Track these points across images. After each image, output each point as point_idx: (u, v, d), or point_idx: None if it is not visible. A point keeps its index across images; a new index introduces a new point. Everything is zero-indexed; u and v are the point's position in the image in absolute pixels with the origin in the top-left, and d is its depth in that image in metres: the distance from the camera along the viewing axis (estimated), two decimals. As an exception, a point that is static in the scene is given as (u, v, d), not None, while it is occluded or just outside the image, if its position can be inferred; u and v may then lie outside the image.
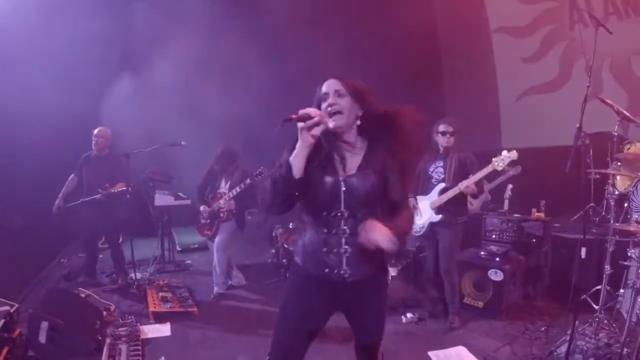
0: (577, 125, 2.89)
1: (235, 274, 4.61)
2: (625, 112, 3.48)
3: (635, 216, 2.86)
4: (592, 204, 4.36)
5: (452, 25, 6.84)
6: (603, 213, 4.11)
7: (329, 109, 1.61)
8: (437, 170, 3.53)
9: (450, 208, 3.42)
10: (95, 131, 4.43)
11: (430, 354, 3.01)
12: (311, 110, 1.56)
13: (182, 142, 4.46)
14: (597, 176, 4.30)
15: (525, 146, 4.25)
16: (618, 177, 4.03)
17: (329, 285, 1.70)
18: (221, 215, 4.19)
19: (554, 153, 4.97)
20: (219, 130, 5.26)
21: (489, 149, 6.45)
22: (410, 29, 6.34)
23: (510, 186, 4.47)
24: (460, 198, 3.41)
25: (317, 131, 1.56)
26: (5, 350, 2.86)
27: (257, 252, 5.80)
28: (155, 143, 4.47)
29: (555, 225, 4.25)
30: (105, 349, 3.09)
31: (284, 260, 4.65)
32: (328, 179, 1.64)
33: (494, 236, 4.13)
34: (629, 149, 4.10)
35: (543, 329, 3.26)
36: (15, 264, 4.26)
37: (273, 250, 5.11)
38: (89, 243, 4.76)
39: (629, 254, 2.88)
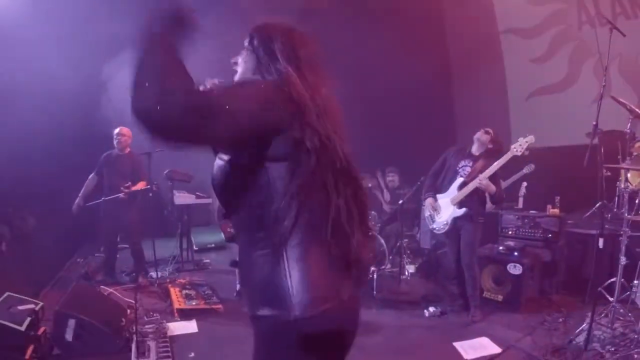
0: (594, 123, 2.96)
1: None
2: (638, 110, 3.41)
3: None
4: (604, 201, 4.30)
5: (460, 26, 6.77)
6: (615, 210, 4.04)
7: None
8: (464, 168, 3.44)
9: (472, 204, 3.37)
10: (117, 130, 4.30)
11: (456, 344, 3.00)
12: None
13: None
14: (609, 173, 4.25)
15: (536, 146, 4.20)
16: (629, 174, 3.99)
17: None
18: None
19: (564, 152, 4.93)
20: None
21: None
22: (419, 30, 6.31)
23: (524, 184, 4.42)
24: (479, 196, 3.36)
25: None
26: (30, 349, 2.72)
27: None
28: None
29: (569, 221, 4.19)
30: (133, 346, 2.93)
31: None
32: None
33: (510, 232, 4.09)
34: (638, 146, 4.05)
35: (561, 320, 3.28)
36: (32, 264, 4.10)
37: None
38: (108, 242, 4.60)
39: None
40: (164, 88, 0.83)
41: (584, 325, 2.85)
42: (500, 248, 3.78)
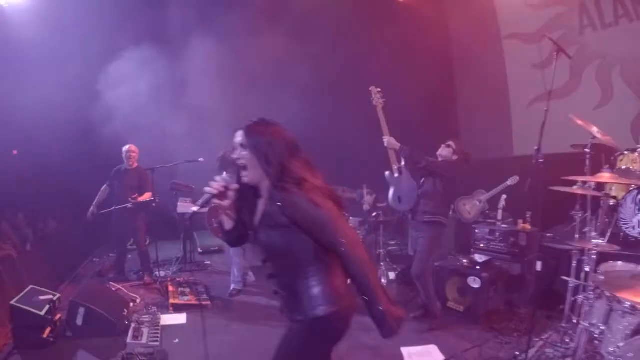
0: (535, 148, 3.33)
1: (250, 273, 5.23)
2: (597, 134, 3.53)
3: (593, 234, 3.10)
4: (587, 213, 4.62)
5: (464, 33, 7.19)
6: (598, 224, 4.28)
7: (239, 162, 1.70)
8: None
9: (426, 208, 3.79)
10: (126, 147, 5.21)
11: (403, 349, 3.40)
12: (211, 190, 1.71)
13: (200, 159, 5.12)
14: (593, 186, 4.58)
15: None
16: (613, 187, 4.33)
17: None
18: None
19: (559, 160, 5.23)
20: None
21: (501, 156, 6.80)
22: (423, 38, 6.80)
23: (504, 196, 4.74)
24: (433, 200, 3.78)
25: (226, 204, 1.74)
26: (48, 330, 3.57)
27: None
28: (179, 158, 5.26)
29: (548, 235, 4.50)
30: (130, 331, 3.74)
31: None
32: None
33: (482, 245, 4.45)
34: (622, 160, 4.36)
35: (515, 335, 3.53)
36: (52, 262, 5.08)
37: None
38: (119, 245, 5.52)
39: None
40: None
41: (533, 343, 3.08)
42: (465, 261, 4.15)
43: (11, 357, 3.34)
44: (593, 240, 2.74)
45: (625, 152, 4.32)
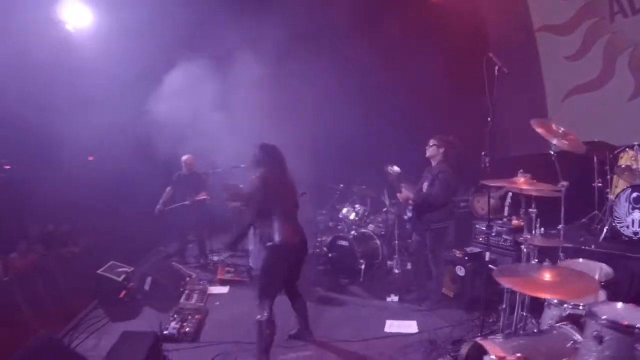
0: (483, 153, 3.68)
1: None
2: (557, 142, 3.58)
3: (541, 229, 3.35)
4: (596, 211, 4.95)
5: (498, 27, 7.55)
6: (605, 220, 4.59)
7: None
8: (426, 177, 4.62)
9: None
10: (184, 157, 6.56)
11: (387, 321, 4.18)
12: None
13: (242, 165, 6.16)
14: (600, 184, 4.88)
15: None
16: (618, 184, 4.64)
17: None
18: None
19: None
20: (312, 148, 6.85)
21: (538, 151, 6.98)
22: (458, 32, 7.28)
23: (510, 194, 5.12)
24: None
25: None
26: (123, 292, 4.85)
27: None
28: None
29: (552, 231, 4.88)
30: (183, 296, 4.91)
31: (325, 249, 6.04)
32: None
33: (480, 239, 5.04)
34: (622, 157, 4.64)
35: (491, 320, 3.88)
36: (130, 247, 6.50)
37: (318, 240, 6.50)
38: (181, 234, 6.86)
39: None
40: None
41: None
42: (457, 252, 4.68)
43: (96, 310, 4.64)
44: (526, 236, 3.18)
45: (626, 150, 4.58)
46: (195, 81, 6.82)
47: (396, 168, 5.08)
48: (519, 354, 2.13)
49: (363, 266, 5.44)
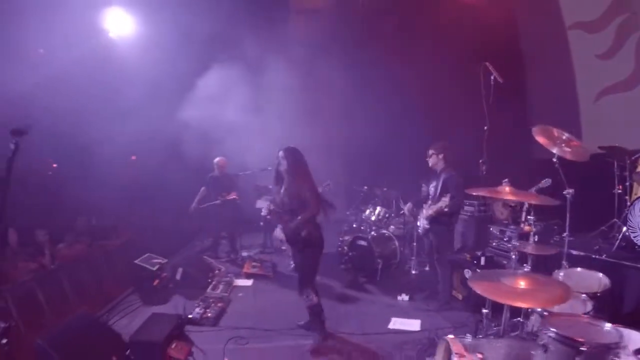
0: (480, 161, 3.75)
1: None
2: (558, 152, 3.52)
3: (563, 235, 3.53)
4: (615, 219, 4.95)
5: (530, 25, 7.53)
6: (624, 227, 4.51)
7: None
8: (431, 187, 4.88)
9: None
10: (217, 159, 7.12)
11: (393, 319, 4.47)
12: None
13: (269, 167, 6.56)
14: (620, 191, 4.85)
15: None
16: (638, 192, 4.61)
17: None
18: None
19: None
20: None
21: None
22: (492, 32, 7.32)
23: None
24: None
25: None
26: (157, 281, 5.43)
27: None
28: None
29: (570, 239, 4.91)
30: (210, 286, 5.44)
31: (346, 248, 6.38)
32: None
33: (494, 243, 5.20)
34: None
35: (494, 324, 3.79)
36: (165, 242, 7.15)
37: (340, 240, 6.85)
38: (214, 232, 7.46)
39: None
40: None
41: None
42: (467, 256, 4.86)
43: (131, 296, 5.29)
44: (514, 243, 3.35)
45: None
46: (227, 86, 7.36)
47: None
48: (479, 354, 2.36)
49: (380, 266, 5.73)
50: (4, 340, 2.06)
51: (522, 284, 2.42)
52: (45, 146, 5.55)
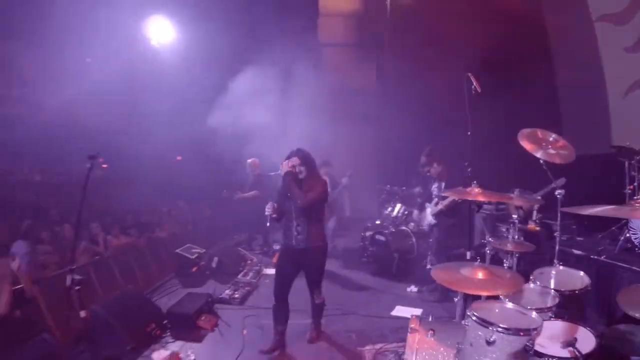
0: (465, 164, 4.03)
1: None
2: (542, 156, 3.70)
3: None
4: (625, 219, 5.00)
5: (558, 19, 7.60)
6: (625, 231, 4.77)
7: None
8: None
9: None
10: (249, 160, 7.94)
11: (397, 307, 5.00)
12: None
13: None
14: (630, 191, 5.02)
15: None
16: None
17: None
18: None
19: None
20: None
21: (597, 152, 6.89)
22: (520, 28, 7.53)
23: (538, 198, 5.40)
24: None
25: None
26: (195, 268, 6.34)
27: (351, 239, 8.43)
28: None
29: (579, 239, 5.31)
30: (241, 274, 6.25)
31: (367, 243, 6.98)
32: None
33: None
34: None
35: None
36: (204, 236, 8.10)
37: (362, 235, 7.45)
38: (249, 227, 8.33)
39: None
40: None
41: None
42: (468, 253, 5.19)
43: (174, 279, 6.23)
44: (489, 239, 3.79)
45: None
46: (260, 89, 8.06)
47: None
48: (431, 330, 2.89)
49: (396, 260, 6.27)
50: (77, 287, 2.96)
51: (480, 274, 2.73)
52: (96, 149, 6.58)
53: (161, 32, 7.81)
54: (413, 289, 5.61)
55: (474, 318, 2.40)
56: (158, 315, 4.49)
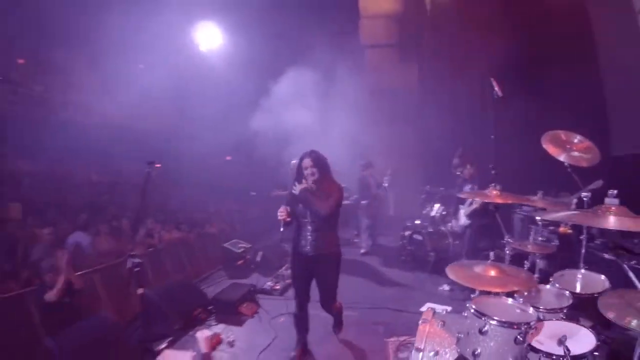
0: (490, 166, 4.22)
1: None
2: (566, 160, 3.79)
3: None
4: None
5: (601, 16, 7.40)
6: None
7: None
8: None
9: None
10: (293, 162, 8.19)
11: (428, 303, 5.05)
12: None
13: (336, 168, 7.56)
14: None
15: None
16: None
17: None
18: None
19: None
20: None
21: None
22: (564, 28, 7.46)
23: (574, 200, 5.36)
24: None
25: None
26: (241, 261, 6.91)
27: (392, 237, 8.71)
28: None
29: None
30: (283, 268, 6.73)
31: (405, 242, 7.25)
32: None
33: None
34: None
35: None
36: (249, 232, 8.69)
37: (401, 234, 7.70)
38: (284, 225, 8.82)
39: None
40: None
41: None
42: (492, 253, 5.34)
43: (221, 271, 6.85)
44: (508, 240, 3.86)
45: None
46: (303, 91, 8.47)
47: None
48: (441, 321, 3.15)
49: (432, 259, 6.49)
50: (137, 269, 3.61)
51: (492, 272, 2.99)
52: (151, 151, 7.22)
53: (209, 37, 8.40)
54: (445, 287, 5.82)
55: (471, 310, 2.68)
56: (204, 300, 5.11)
